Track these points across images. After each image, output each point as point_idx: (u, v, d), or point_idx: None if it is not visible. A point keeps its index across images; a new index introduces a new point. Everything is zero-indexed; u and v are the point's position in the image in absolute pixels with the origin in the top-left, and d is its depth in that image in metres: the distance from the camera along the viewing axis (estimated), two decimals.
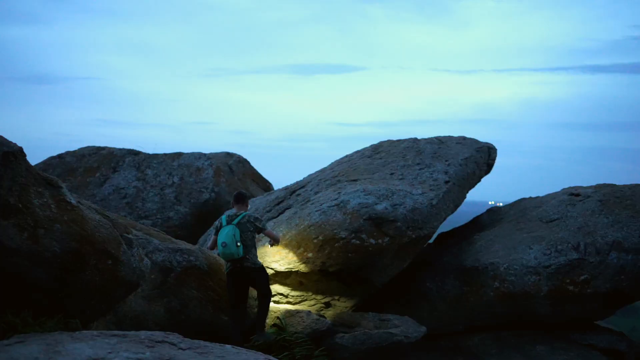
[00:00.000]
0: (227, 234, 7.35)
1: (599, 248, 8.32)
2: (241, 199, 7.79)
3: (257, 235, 7.70)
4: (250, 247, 7.46)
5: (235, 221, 7.49)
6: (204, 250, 7.67)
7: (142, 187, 12.39)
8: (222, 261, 7.46)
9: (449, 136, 10.86)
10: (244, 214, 7.62)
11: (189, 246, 7.58)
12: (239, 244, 7.30)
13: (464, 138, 10.71)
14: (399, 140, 10.96)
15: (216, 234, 7.58)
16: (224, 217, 7.65)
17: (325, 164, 11.26)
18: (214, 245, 7.68)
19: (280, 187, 11.06)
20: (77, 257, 4.88)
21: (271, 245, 8.27)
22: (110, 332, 4.36)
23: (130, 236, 5.59)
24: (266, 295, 7.57)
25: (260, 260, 7.67)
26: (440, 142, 10.47)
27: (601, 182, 9.93)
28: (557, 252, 8.44)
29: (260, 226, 7.64)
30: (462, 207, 10.04)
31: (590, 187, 9.74)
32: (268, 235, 7.94)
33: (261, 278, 7.58)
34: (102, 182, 12.52)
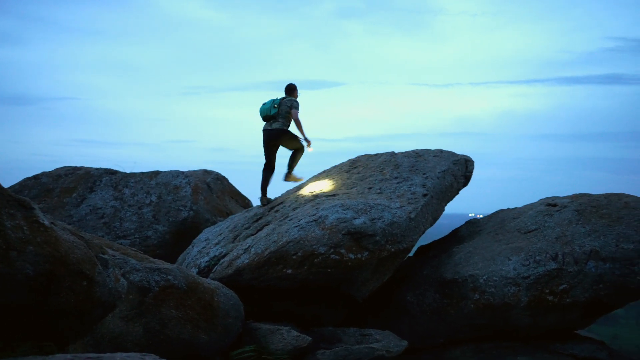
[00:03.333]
0: (270, 100, 10.58)
1: (576, 257, 8.36)
2: (290, 90, 10.71)
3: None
4: (283, 115, 10.44)
5: (280, 97, 10.60)
6: (182, 269, 7.62)
7: (119, 206, 12.28)
8: (202, 280, 7.52)
9: (426, 149, 10.90)
10: (288, 97, 10.61)
11: (166, 265, 7.52)
12: (275, 106, 10.42)
13: (441, 151, 10.76)
14: (376, 155, 10.98)
15: None
16: None
17: (305, 177, 11.25)
18: None
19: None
20: (50, 279, 4.79)
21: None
22: (84, 355, 4.29)
23: (105, 256, 5.52)
24: (297, 150, 10.64)
25: None
26: (417, 156, 10.51)
27: (579, 191, 10.01)
28: (535, 263, 8.47)
29: (293, 106, 10.42)
30: (442, 220, 10.07)
31: (567, 197, 9.82)
32: (293, 115, 10.39)
33: (288, 137, 10.50)
34: (79, 203, 12.39)
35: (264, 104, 10.56)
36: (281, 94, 10.57)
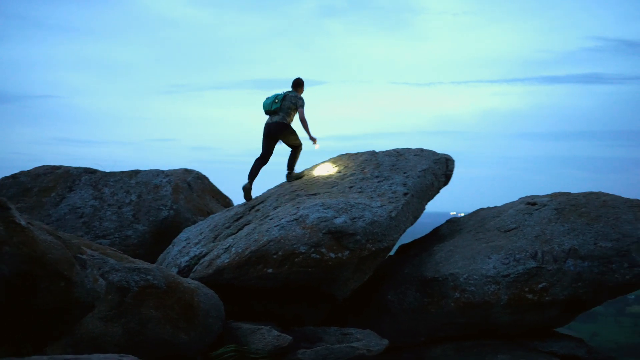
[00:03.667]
0: (274, 94, 10.62)
1: (556, 256, 8.42)
2: (297, 85, 10.85)
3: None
4: (286, 110, 10.53)
5: (284, 91, 10.69)
6: (162, 269, 7.60)
7: (99, 205, 12.18)
8: (182, 280, 7.53)
9: (407, 148, 10.92)
10: (294, 93, 10.72)
11: (146, 265, 7.49)
12: (277, 101, 10.47)
13: (421, 150, 10.78)
14: (357, 154, 10.99)
15: None
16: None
17: (285, 178, 11.24)
18: None
19: (243, 202, 11.02)
20: (27, 280, 4.75)
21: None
22: (61, 356, 4.26)
23: (83, 257, 5.47)
24: (295, 147, 10.77)
25: None
26: (398, 155, 10.52)
27: (558, 190, 10.07)
28: (515, 261, 8.52)
29: (298, 104, 10.58)
30: (423, 218, 10.09)
31: (546, 196, 9.88)
32: (299, 114, 10.56)
33: (288, 132, 10.63)
34: (57, 202, 12.28)
35: (267, 98, 10.66)
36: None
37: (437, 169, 10.24)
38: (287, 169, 10.92)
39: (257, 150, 10.70)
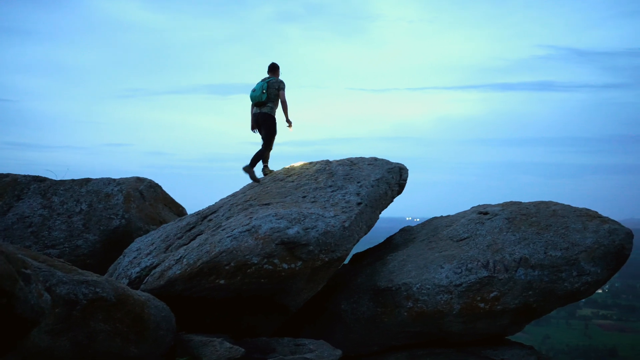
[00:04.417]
0: (259, 85, 11.12)
1: (507, 265, 8.50)
2: (273, 69, 11.41)
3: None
4: (273, 99, 11.14)
5: (267, 80, 11.17)
6: (111, 281, 7.44)
7: (48, 215, 11.90)
8: (132, 292, 7.39)
9: (361, 157, 10.92)
10: (274, 78, 11.24)
11: (95, 277, 7.32)
12: (264, 91, 11.00)
13: (375, 159, 10.79)
14: (310, 163, 10.96)
15: None
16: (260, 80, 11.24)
17: (242, 183, 11.19)
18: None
19: (198, 209, 10.89)
20: None
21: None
22: None
23: (28, 271, 5.32)
24: (267, 142, 11.21)
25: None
26: (352, 164, 10.52)
27: (511, 194, 10.25)
28: (467, 271, 8.58)
29: (280, 87, 11.10)
30: (379, 223, 10.09)
31: (498, 205, 9.99)
32: (280, 96, 11.10)
33: (268, 124, 11.16)
34: (5, 211, 11.96)
35: (254, 91, 11.16)
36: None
37: (390, 178, 10.27)
38: (262, 163, 11.45)
39: (213, 155, 10.73)
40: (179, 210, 13.76)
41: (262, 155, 11.28)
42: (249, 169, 11.09)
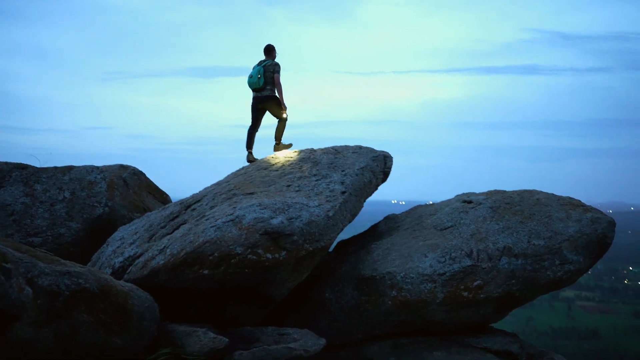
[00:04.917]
0: (255, 70, 11.30)
1: (490, 254, 8.56)
2: (268, 51, 11.57)
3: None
4: (270, 82, 11.34)
5: (263, 64, 11.34)
6: (94, 272, 7.40)
7: (30, 203, 11.80)
8: (115, 282, 7.36)
9: (345, 146, 10.92)
10: (269, 61, 11.41)
11: (78, 268, 7.28)
12: (260, 76, 11.18)
13: (360, 147, 10.79)
14: (295, 151, 10.94)
15: None
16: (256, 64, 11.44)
17: (226, 167, 11.21)
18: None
19: (182, 195, 10.85)
20: None
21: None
22: None
23: (8, 265, 5.29)
24: (280, 120, 11.54)
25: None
26: (336, 152, 10.51)
27: (495, 178, 10.33)
28: (451, 260, 8.62)
29: (275, 69, 11.29)
30: (365, 207, 10.09)
31: (482, 194, 10.03)
32: (275, 79, 11.32)
33: (276, 102, 11.43)
34: None
35: (251, 77, 11.36)
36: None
37: (375, 167, 10.28)
38: (275, 140, 11.77)
39: (196, 138, 10.73)
40: (162, 198, 13.70)
41: (282, 130, 11.72)
42: (277, 147, 11.70)
